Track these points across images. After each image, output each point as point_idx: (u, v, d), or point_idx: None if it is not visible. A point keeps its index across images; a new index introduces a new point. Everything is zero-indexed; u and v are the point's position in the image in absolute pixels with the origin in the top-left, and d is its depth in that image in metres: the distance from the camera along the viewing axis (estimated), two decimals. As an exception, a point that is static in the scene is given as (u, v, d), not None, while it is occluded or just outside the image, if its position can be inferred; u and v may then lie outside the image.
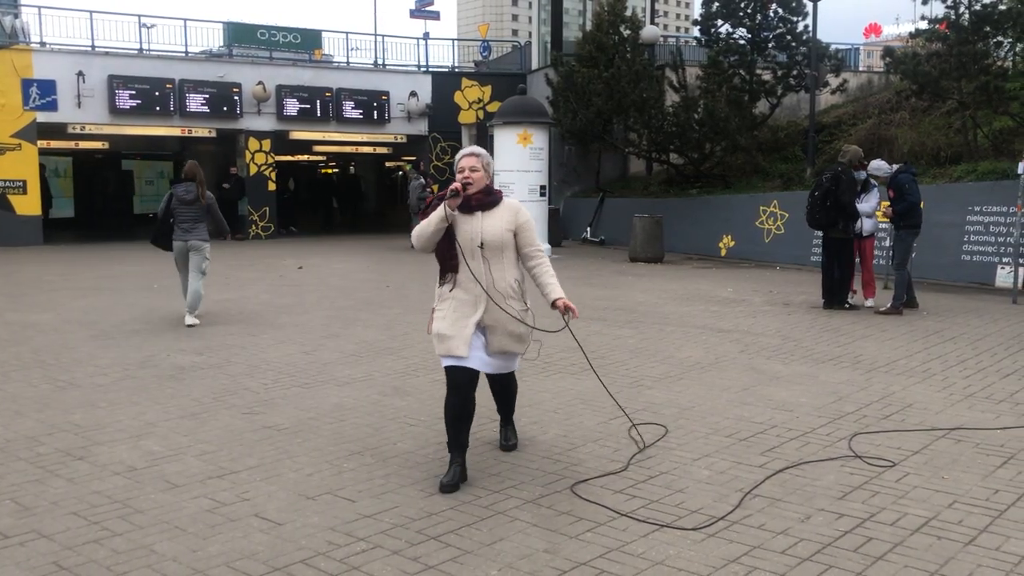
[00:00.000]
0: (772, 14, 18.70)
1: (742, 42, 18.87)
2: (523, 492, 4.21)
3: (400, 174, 30.35)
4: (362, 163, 31.20)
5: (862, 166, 10.10)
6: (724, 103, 17.47)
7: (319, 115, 22.35)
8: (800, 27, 18.62)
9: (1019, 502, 4.08)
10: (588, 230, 20.74)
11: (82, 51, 20.29)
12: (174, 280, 9.89)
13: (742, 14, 18.80)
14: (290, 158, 28.09)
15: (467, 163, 4.32)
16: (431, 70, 24.27)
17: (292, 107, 22.02)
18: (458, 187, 4.22)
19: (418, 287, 11.92)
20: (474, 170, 4.29)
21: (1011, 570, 3.38)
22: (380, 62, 24.15)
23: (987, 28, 13.60)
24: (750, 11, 18.73)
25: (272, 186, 22.58)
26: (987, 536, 3.69)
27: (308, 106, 22.17)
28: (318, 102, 22.25)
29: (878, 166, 10.05)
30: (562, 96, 20.06)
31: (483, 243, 4.27)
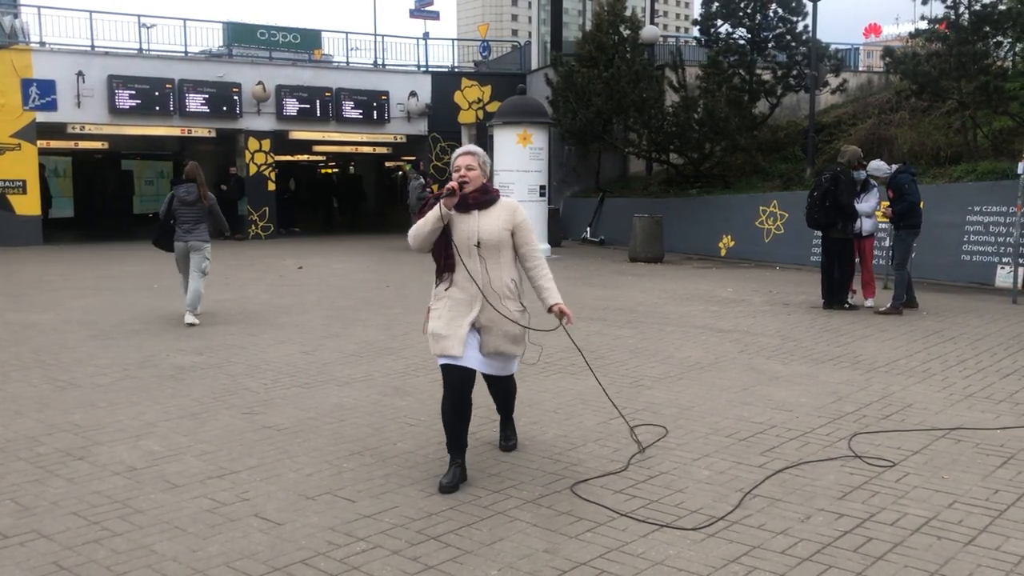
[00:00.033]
0: (772, 14, 18.70)
1: (742, 42, 18.88)
2: (523, 492, 4.22)
3: (400, 174, 30.35)
4: (362, 163, 31.20)
5: (861, 166, 10.10)
6: (724, 103, 17.46)
7: (319, 115, 22.35)
8: (800, 27, 18.64)
9: (1019, 502, 4.08)
10: (588, 230, 20.73)
11: (82, 51, 20.29)
12: (174, 280, 9.90)
13: (742, 14, 18.81)
14: (290, 158, 28.07)
15: (463, 162, 4.30)
16: (431, 70, 24.27)
17: (292, 107, 22.02)
18: (454, 186, 4.20)
19: (418, 287, 11.92)
20: (470, 169, 4.28)
21: (1011, 570, 3.38)
22: (380, 62, 24.15)
23: (987, 28, 13.61)
24: (750, 11, 18.74)
25: (272, 186, 22.58)
26: (987, 536, 3.70)
27: (308, 106, 22.18)
28: (318, 102, 22.25)
29: (877, 166, 10.05)
30: (562, 96, 20.06)
31: (480, 242, 4.26)
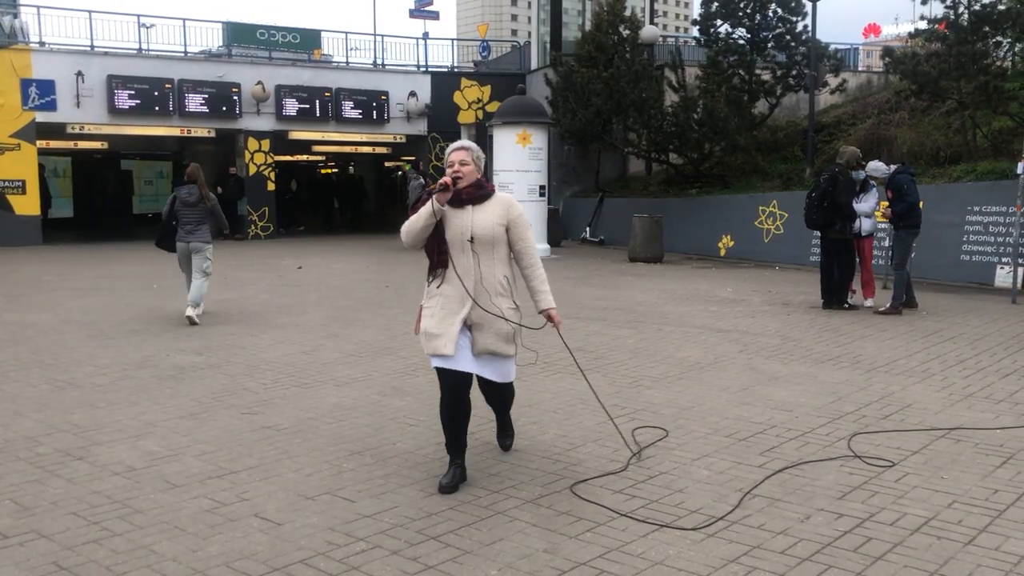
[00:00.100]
0: (771, 14, 18.69)
1: (741, 42, 18.87)
2: (523, 492, 4.21)
3: (399, 174, 30.36)
4: (361, 163, 31.19)
5: (860, 166, 10.11)
6: (723, 103, 17.47)
7: (318, 115, 22.34)
8: (799, 27, 18.62)
9: (1018, 502, 4.08)
10: (587, 230, 20.72)
11: (81, 51, 20.27)
12: (173, 280, 9.91)
13: (741, 14, 18.80)
14: (289, 158, 28.07)
15: (457, 157, 4.26)
16: (430, 70, 24.27)
17: (291, 107, 22.01)
18: (447, 181, 4.14)
19: (417, 287, 11.84)
20: (464, 164, 4.24)
21: (1011, 570, 3.38)
22: (379, 62, 24.15)
23: (986, 28, 13.61)
24: (749, 11, 18.73)
25: (271, 186, 22.57)
26: (987, 536, 3.70)
27: (307, 106, 22.16)
28: (317, 102, 22.24)
29: (876, 167, 10.06)
30: (561, 96, 20.05)
31: (473, 237, 4.20)
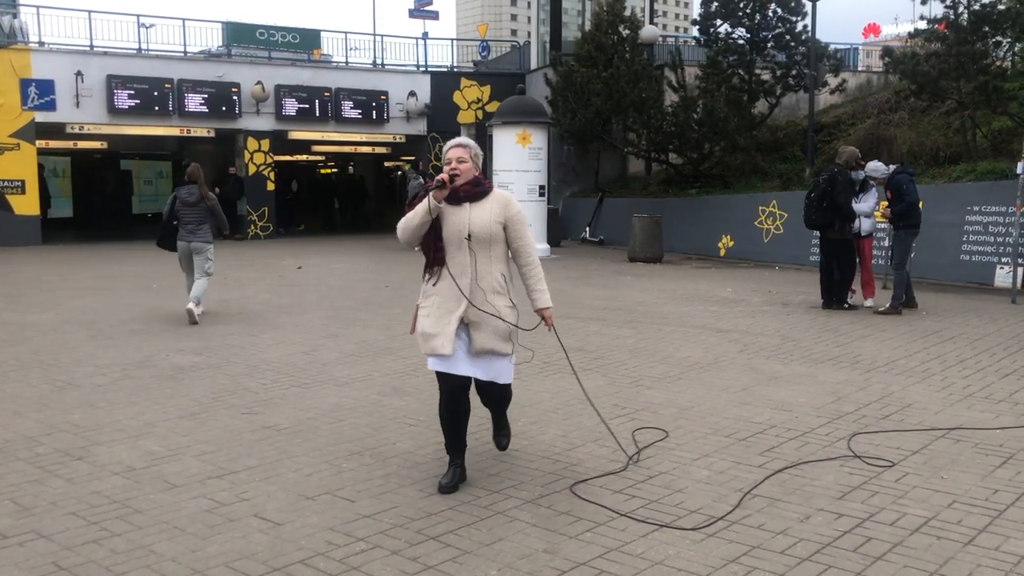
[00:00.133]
0: (771, 14, 18.70)
1: (741, 42, 18.87)
2: (522, 492, 4.21)
3: (399, 174, 30.34)
4: (361, 163, 31.17)
5: (859, 166, 10.11)
6: (723, 103, 17.47)
7: (318, 115, 22.34)
8: (799, 27, 18.62)
9: (1018, 502, 4.08)
10: (587, 230, 20.73)
11: (80, 51, 20.27)
12: (173, 280, 9.90)
13: (741, 14, 18.80)
14: (289, 158, 28.07)
15: (454, 154, 4.23)
16: (430, 70, 24.27)
17: (291, 107, 22.01)
18: (444, 178, 4.11)
19: (417, 287, 11.87)
20: (461, 161, 4.21)
21: (1010, 570, 3.38)
22: (379, 62, 24.14)
23: (986, 28, 13.61)
24: (749, 11, 18.73)
25: (271, 186, 22.56)
26: (986, 536, 3.70)
27: (307, 106, 22.16)
28: (317, 102, 22.24)
29: (875, 167, 10.07)
30: (561, 96, 20.05)
31: (471, 234, 4.16)
